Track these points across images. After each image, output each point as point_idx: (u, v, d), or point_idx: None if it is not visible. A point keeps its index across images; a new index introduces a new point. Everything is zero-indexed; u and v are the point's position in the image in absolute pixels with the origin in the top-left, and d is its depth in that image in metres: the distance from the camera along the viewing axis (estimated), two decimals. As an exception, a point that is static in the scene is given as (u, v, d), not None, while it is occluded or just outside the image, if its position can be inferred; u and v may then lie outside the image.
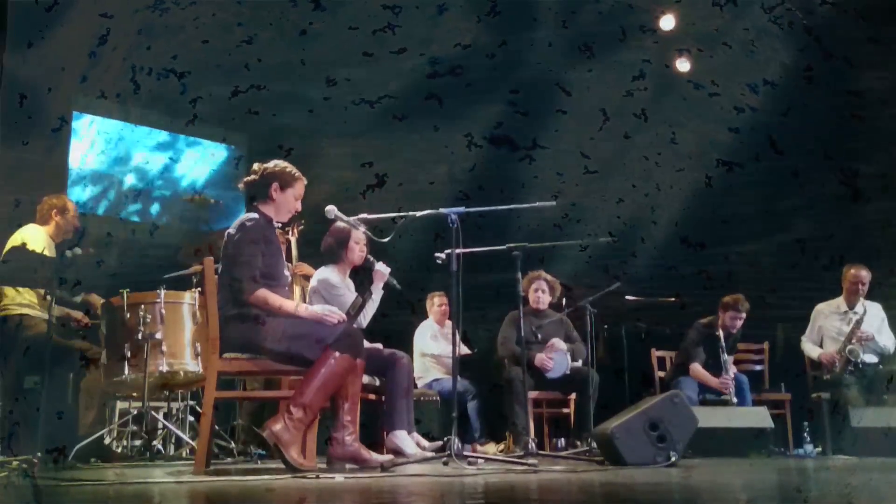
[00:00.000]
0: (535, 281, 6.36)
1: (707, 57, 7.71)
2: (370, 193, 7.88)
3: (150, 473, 3.95)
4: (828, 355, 6.34)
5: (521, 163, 8.21)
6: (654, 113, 8.05)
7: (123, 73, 7.23)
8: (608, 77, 7.99)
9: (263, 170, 4.09)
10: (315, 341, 3.83)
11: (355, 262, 5.12)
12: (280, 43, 7.80)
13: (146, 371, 4.90)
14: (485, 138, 8.22)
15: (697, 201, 8.05)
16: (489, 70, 8.02)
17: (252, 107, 7.91)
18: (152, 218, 8.17)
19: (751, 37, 7.50)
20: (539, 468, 3.99)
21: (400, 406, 4.80)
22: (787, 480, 3.66)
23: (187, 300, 5.20)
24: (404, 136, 8.31)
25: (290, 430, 3.69)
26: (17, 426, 4.74)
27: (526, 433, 5.66)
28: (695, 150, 8.15)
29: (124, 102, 7.66)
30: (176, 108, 7.90)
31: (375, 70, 7.97)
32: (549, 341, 6.15)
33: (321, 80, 7.94)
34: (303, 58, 7.77)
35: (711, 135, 8.04)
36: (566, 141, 8.19)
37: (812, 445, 6.06)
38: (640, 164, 8.28)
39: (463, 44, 7.87)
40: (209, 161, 8.53)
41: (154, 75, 7.33)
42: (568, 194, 7.94)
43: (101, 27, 6.85)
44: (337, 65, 7.95)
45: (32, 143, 6.79)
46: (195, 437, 4.94)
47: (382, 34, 7.59)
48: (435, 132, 8.13)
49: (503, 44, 7.82)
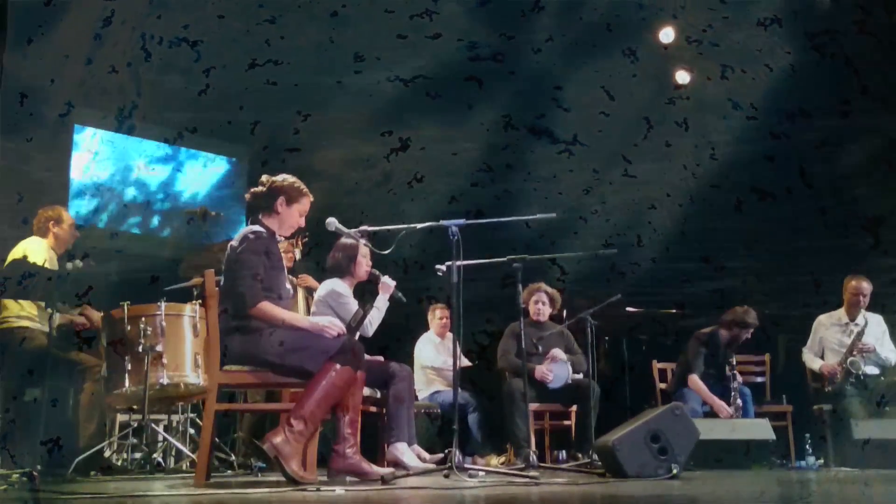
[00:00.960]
0: (536, 293, 6.37)
1: (749, 78, 7.65)
2: (393, 157, 7.93)
3: (150, 486, 3.94)
4: (829, 367, 6.33)
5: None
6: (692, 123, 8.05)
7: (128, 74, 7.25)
8: (650, 85, 8.02)
9: (271, 183, 4.09)
10: (316, 353, 3.83)
11: (362, 276, 5.13)
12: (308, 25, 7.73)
13: (147, 383, 4.90)
14: (526, 127, 8.18)
15: (701, 213, 8.06)
16: (535, 64, 7.96)
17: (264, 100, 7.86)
18: (153, 230, 8.18)
19: (791, 61, 7.46)
20: (540, 481, 3.98)
21: (401, 418, 4.80)
22: (789, 492, 3.65)
23: (188, 312, 5.20)
24: (435, 115, 8.18)
25: (291, 443, 3.68)
26: (16, 438, 4.74)
27: (527, 445, 5.65)
28: (715, 167, 8.08)
29: (126, 115, 7.67)
30: (177, 120, 7.90)
31: (410, 52, 7.85)
32: (549, 353, 6.15)
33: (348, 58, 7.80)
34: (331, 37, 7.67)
35: (741, 156, 7.97)
36: (607, 142, 8.18)
37: (814, 457, 6.04)
38: (674, 174, 8.21)
39: (507, 34, 7.81)
40: (210, 174, 8.55)
41: (166, 44, 7.23)
42: (582, 202, 8.00)
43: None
44: (369, 46, 7.81)
45: (34, 149, 6.82)
46: (195, 450, 4.93)
47: (419, 19, 7.51)
48: (469, 110, 8.06)
49: (549, 39, 7.76)
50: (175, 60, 7.52)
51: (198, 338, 5.14)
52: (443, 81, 7.88)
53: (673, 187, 8.07)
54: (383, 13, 7.46)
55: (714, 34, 7.63)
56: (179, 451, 5.37)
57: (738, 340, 6.40)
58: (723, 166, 7.93)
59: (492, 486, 3.77)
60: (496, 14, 7.66)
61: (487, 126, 8.16)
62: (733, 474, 4.88)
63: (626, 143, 8.09)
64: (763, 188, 7.73)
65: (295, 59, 7.69)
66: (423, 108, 8.01)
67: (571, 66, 7.87)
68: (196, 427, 5.53)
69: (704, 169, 7.99)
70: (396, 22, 7.53)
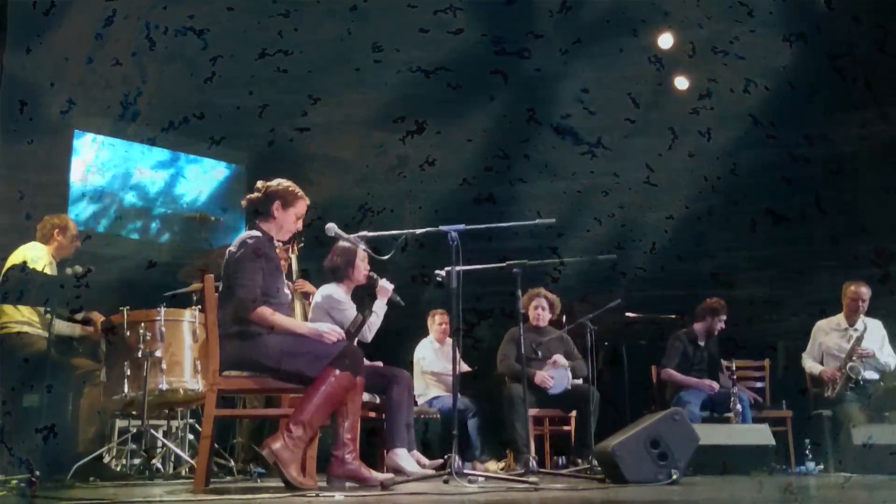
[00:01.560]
0: (536, 298, 6.37)
1: (772, 94, 7.64)
2: (409, 140, 7.94)
3: (149, 492, 3.94)
4: (829, 372, 6.33)
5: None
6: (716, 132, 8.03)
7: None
8: (675, 96, 8.00)
9: (266, 188, 4.10)
10: (315, 359, 3.83)
11: (360, 280, 5.13)
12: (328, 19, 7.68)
13: (146, 389, 4.89)
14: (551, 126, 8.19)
15: (702, 221, 8.06)
16: (561, 64, 7.95)
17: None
18: (152, 236, 8.18)
19: (812, 79, 7.47)
20: (540, 486, 3.98)
21: (400, 424, 4.79)
22: (788, 498, 3.64)
23: (187, 318, 5.20)
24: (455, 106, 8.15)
25: (290, 449, 3.68)
26: (15, 443, 4.73)
27: (526, 451, 5.64)
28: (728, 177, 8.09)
29: (126, 120, 7.66)
30: (184, 104, 7.80)
31: (432, 45, 7.81)
32: (549, 358, 6.15)
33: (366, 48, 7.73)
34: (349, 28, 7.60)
35: (760, 176, 7.98)
36: (633, 151, 8.18)
37: (814, 463, 6.03)
38: (695, 182, 8.18)
39: (536, 32, 7.78)
40: (210, 179, 8.55)
41: (172, 33, 7.17)
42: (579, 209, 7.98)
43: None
44: (390, 38, 7.76)
45: (33, 157, 6.81)
46: (195, 456, 4.93)
47: (443, 14, 7.46)
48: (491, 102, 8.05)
49: (578, 41, 7.76)
50: (181, 49, 7.46)
51: (197, 343, 5.14)
52: (463, 74, 7.86)
53: (683, 195, 8.10)
54: (405, 7, 7.41)
55: (740, 46, 7.59)
56: (178, 456, 5.37)
57: (713, 329, 6.60)
58: (738, 179, 7.99)
59: (491, 491, 3.76)
60: (520, 14, 7.67)
61: (510, 119, 8.15)
62: (733, 480, 4.87)
63: (649, 152, 8.10)
64: (776, 210, 7.80)
65: (309, 50, 7.63)
66: (441, 98, 7.99)
67: (592, 68, 7.93)
68: (195, 432, 5.52)
69: (723, 181, 8.02)
70: (418, 17, 7.50)
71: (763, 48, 7.56)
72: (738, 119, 7.86)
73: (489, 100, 8.08)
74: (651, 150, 8.07)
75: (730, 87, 7.74)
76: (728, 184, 8.00)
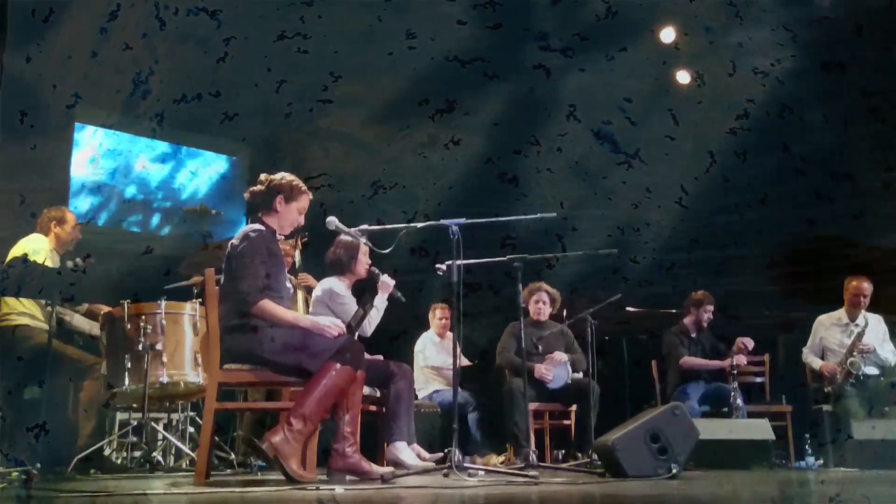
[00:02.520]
0: (536, 292, 6.37)
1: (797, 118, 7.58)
2: (439, 118, 7.87)
3: (149, 485, 3.94)
4: (829, 367, 6.34)
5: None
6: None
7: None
8: (716, 111, 7.94)
9: (269, 181, 4.09)
10: (316, 353, 3.83)
11: (361, 274, 5.13)
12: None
13: (146, 382, 4.89)
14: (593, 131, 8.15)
15: (701, 214, 8.04)
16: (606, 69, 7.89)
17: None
18: (153, 229, 8.18)
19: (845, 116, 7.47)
20: (540, 480, 3.97)
21: (400, 418, 4.80)
22: (789, 492, 3.65)
23: (188, 311, 5.19)
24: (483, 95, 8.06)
25: (290, 442, 3.68)
26: (15, 436, 4.74)
27: (526, 445, 5.64)
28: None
29: (127, 112, 7.64)
30: (199, 81, 7.73)
31: (469, 37, 7.72)
32: (549, 353, 6.15)
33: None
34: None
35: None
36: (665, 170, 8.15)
37: (814, 458, 6.04)
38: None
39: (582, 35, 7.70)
40: (210, 172, 8.54)
41: (183, 13, 6.94)
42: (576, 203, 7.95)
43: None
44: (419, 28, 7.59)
45: (35, 150, 6.78)
46: (195, 449, 4.93)
47: (483, 9, 7.36)
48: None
49: (623, 49, 7.72)
50: (193, 31, 7.34)
51: (198, 336, 5.13)
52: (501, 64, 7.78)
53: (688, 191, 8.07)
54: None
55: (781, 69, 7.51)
56: (179, 449, 5.38)
57: (701, 321, 6.67)
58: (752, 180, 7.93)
59: (491, 485, 3.76)
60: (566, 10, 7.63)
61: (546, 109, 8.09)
62: (733, 474, 4.88)
63: (685, 176, 7.99)
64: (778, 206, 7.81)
65: (335, 34, 7.53)
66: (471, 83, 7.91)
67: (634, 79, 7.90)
68: (196, 425, 5.53)
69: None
70: (457, 8, 7.43)
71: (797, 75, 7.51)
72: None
73: (523, 90, 8.01)
74: (687, 172, 7.98)
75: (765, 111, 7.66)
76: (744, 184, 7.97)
